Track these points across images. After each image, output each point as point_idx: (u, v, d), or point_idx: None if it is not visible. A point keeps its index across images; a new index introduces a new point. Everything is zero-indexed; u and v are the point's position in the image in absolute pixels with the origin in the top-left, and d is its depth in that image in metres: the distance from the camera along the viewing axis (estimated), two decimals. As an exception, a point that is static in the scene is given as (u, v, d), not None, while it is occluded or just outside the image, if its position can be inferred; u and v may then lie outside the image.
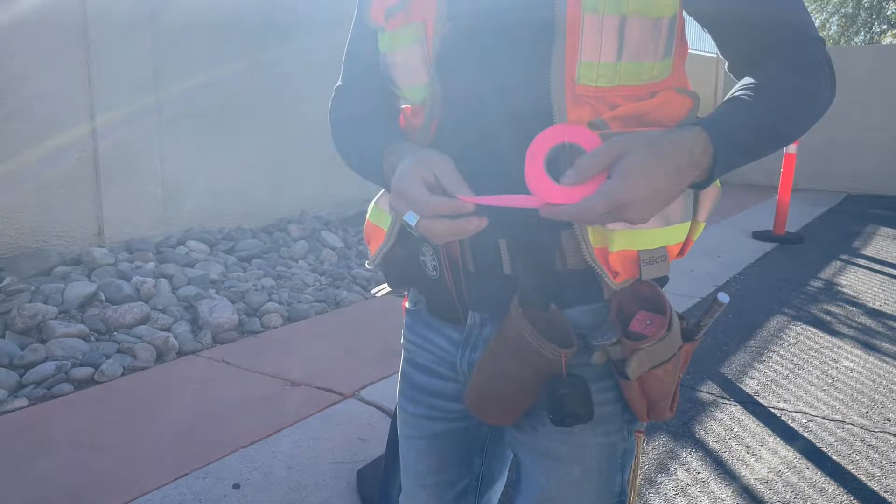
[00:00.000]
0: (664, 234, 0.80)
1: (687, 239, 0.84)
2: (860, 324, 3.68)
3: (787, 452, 2.32)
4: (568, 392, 0.77)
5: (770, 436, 2.44)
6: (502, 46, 0.78)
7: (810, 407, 2.67)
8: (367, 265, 0.94)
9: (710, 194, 0.83)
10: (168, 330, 3.13)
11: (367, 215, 0.95)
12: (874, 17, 18.43)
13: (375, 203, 0.94)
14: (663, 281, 0.85)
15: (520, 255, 0.80)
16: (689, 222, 0.83)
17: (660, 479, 2.15)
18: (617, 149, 0.68)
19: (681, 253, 0.85)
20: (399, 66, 0.84)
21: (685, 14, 0.80)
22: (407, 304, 0.98)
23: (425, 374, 0.94)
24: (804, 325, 3.65)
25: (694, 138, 0.70)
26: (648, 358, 0.76)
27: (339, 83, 0.99)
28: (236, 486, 1.96)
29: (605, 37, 0.72)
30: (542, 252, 0.79)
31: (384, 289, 0.99)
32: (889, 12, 18.42)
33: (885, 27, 18.72)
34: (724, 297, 0.78)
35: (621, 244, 0.77)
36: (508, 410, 0.83)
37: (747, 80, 0.78)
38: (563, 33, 0.73)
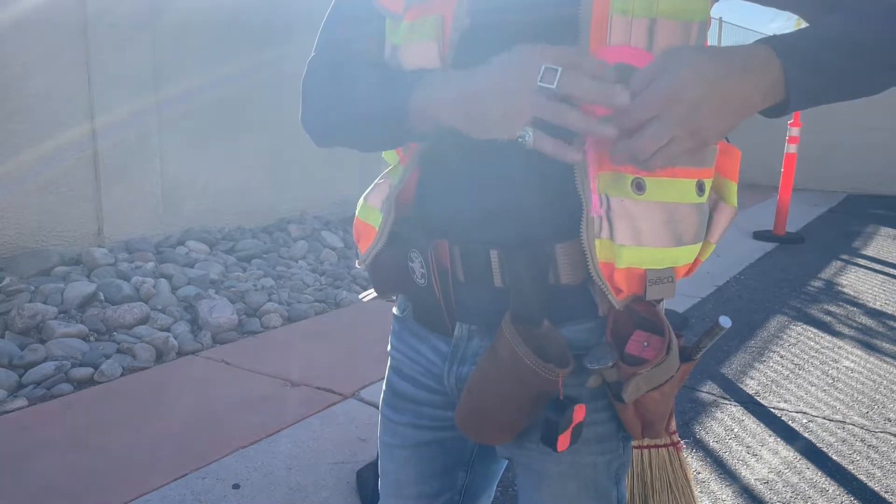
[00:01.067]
0: (673, 255, 0.75)
1: (695, 259, 0.80)
2: (860, 324, 3.68)
3: (787, 452, 2.32)
4: (559, 419, 0.73)
5: (770, 436, 2.44)
6: None
7: (810, 407, 2.67)
8: (357, 265, 0.91)
9: (725, 214, 0.79)
10: (168, 330, 3.13)
11: (357, 212, 0.90)
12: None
13: (365, 199, 0.89)
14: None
15: (512, 267, 0.76)
16: (701, 244, 0.78)
17: (660, 480, 2.15)
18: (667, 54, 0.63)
19: (687, 273, 0.81)
20: (412, 61, 0.78)
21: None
22: (395, 310, 0.94)
23: (410, 383, 0.91)
24: (804, 325, 3.65)
25: (752, 45, 0.64)
26: (646, 382, 0.73)
27: (313, 54, 0.89)
28: (236, 487, 1.96)
29: (634, 40, 0.68)
30: (535, 266, 0.75)
31: (371, 294, 0.95)
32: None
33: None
34: (725, 322, 0.76)
35: (629, 261, 0.73)
36: (502, 431, 0.80)
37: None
38: (588, 34, 0.69)
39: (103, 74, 3.86)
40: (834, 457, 2.30)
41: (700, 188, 0.75)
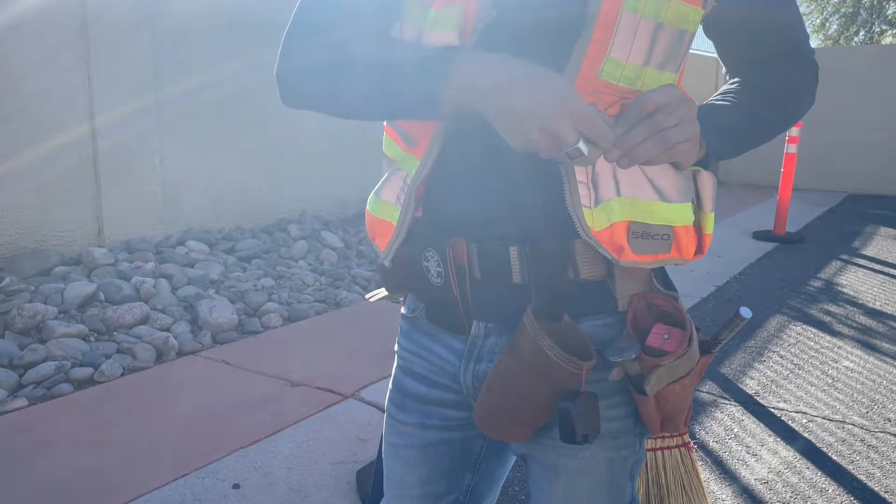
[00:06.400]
0: (663, 210, 0.76)
1: (702, 234, 0.82)
2: (860, 324, 3.68)
3: (787, 453, 2.32)
4: (582, 411, 0.73)
5: (770, 436, 2.44)
6: (531, 42, 0.75)
7: (810, 407, 2.67)
8: (382, 262, 0.89)
9: (707, 181, 0.81)
10: (168, 330, 3.13)
11: (368, 208, 0.89)
12: (874, 16, 18.43)
13: (377, 195, 0.87)
14: (667, 281, 0.83)
15: (532, 264, 0.76)
16: (690, 204, 0.79)
17: (660, 480, 2.15)
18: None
19: (700, 251, 0.82)
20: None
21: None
22: (403, 310, 0.94)
23: (422, 383, 0.90)
24: (804, 325, 3.65)
25: None
26: (668, 374, 0.74)
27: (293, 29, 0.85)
28: (236, 487, 1.96)
29: (638, 39, 0.71)
30: (554, 261, 0.76)
31: (380, 293, 0.94)
32: (889, 12, 18.42)
33: (885, 27, 18.71)
34: (746, 312, 0.76)
35: (620, 214, 0.75)
36: (522, 427, 0.80)
37: (737, 79, 0.87)
38: (592, 27, 0.71)
39: (103, 74, 3.85)
40: (833, 457, 2.30)
41: None
